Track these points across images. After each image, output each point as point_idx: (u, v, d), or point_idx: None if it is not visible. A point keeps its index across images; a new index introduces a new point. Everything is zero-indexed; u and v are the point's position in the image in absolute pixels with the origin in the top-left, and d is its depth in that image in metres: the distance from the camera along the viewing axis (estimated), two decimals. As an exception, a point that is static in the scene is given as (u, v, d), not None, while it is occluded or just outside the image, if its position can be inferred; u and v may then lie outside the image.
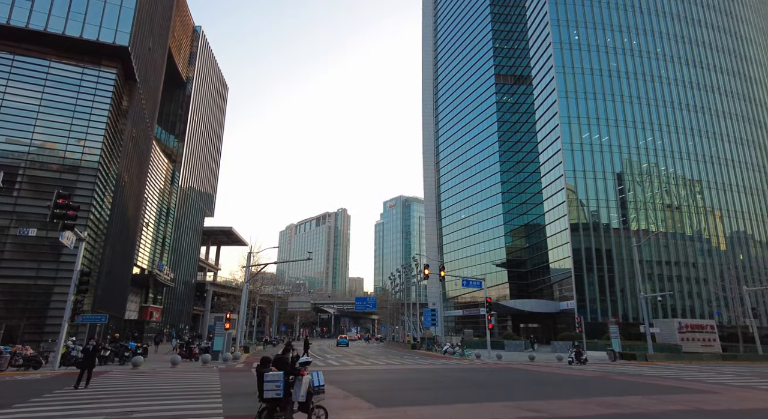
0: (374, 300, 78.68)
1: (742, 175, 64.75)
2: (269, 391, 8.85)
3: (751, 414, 12.00)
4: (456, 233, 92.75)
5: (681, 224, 60.25)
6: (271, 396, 8.85)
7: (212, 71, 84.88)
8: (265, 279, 77.01)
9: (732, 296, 51.95)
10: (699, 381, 20.14)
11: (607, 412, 11.76)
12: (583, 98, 62.43)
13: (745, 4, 76.67)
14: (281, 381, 8.94)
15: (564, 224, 59.45)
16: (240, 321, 41.03)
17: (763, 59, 75.33)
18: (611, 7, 67.15)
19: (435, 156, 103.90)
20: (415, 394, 15.08)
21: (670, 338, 40.81)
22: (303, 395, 9.11)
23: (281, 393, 8.89)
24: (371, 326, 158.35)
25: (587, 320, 52.14)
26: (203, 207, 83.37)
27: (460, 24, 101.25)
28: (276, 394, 8.86)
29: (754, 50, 74.37)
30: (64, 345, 24.13)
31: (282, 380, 8.95)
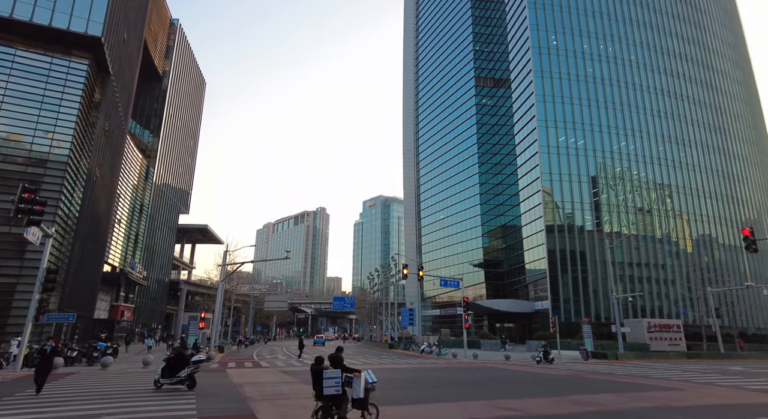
0: (352, 300, 78.49)
1: (707, 180, 67.29)
2: (329, 388, 9.16)
3: (714, 409, 12.46)
4: (435, 234, 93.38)
5: (651, 226, 62.19)
6: (331, 393, 9.17)
7: (190, 66, 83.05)
8: (241, 278, 75.89)
9: (697, 297, 53.99)
10: (666, 379, 20.81)
11: (581, 410, 12.01)
12: (560, 102, 63.73)
13: (712, 17, 79.75)
14: (340, 379, 9.30)
15: (540, 225, 60.57)
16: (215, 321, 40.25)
17: (728, 70, 78.49)
18: (588, 14, 68.77)
19: (415, 157, 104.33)
20: (393, 394, 15.07)
21: (639, 337, 42.06)
22: (361, 392, 9.48)
23: (340, 389, 9.25)
24: (349, 326, 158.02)
25: (561, 320, 53.30)
26: (178, 204, 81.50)
27: (441, 26, 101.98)
28: (336, 391, 9.21)
29: (720, 61, 77.42)
30: (28, 346, 23.17)
31: (341, 377, 9.31)
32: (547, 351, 29.67)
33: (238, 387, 16.48)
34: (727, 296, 60.89)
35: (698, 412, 11.89)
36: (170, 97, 71.71)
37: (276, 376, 20.61)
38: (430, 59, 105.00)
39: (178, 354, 15.67)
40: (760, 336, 58.97)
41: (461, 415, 11.13)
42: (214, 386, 17.07)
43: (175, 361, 15.43)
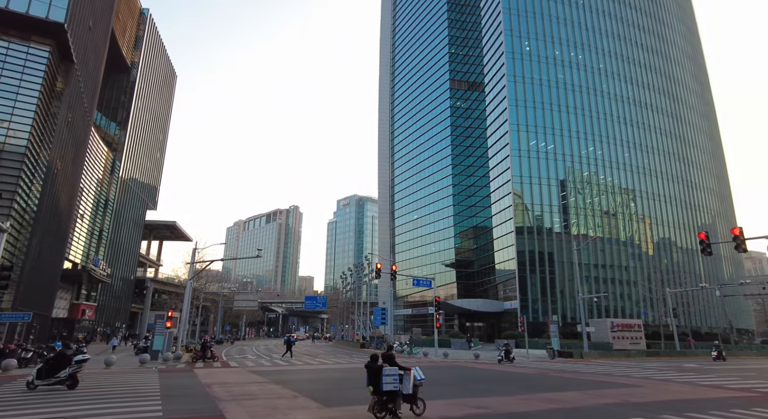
0: (324, 299, 78.00)
1: (667, 186, 70.33)
2: (388, 384, 9.97)
3: (671, 404, 13.07)
4: (408, 234, 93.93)
5: (616, 229, 64.51)
6: (389, 389, 9.97)
7: (160, 57, 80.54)
8: (211, 277, 74.26)
9: (657, 298, 56.42)
10: (627, 377, 21.66)
11: (547, 407, 12.36)
12: (531, 107, 65.24)
13: (674, 30, 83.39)
14: (397, 376, 10.13)
15: (510, 227, 61.85)
16: (182, 320, 39.23)
17: (687, 81, 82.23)
18: (560, 22, 70.66)
19: (390, 157, 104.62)
20: (364, 393, 15.08)
21: (603, 336, 43.57)
22: (410, 388, 10.31)
23: (398, 386, 10.06)
24: (320, 325, 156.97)
25: (529, 319, 54.58)
26: (145, 200, 78.92)
27: (418, 27, 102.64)
28: (394, 387, 10.02)
29: (681, 72, 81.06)
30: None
31: (398, 374, 10.14)
32: (508, 349, 30.03)
33: (206, 387, 16.13)
34: (683, 297, 63.82)
35: (656, 408, 12.44)
36: (139, 89, 69.38)
37: (245, 376, 20.28)
38: (406, 60, 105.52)
39: (58, 353, 15.40)
40: (712, 334, 62.05)
41: (430, 414, 11.25)
42: (181, 386, 16.65)
43: (54, 361, 15.07)
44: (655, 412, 11.69)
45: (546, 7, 70.65)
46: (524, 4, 69.86)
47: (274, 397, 13.82)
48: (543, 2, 70.79)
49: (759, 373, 25.45)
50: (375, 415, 10.13)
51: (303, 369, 25.05)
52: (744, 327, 73.72)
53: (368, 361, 10.50)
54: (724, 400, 14.30)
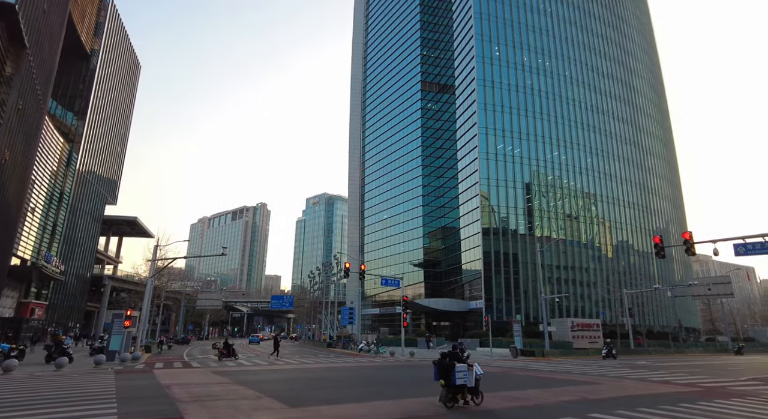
0: (291, 299, 77.13)
1: (626, 191, 73.47)
2: (459, 379, 11.50)
3: (625, 400, 13.68)
4: (378, 233, 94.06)
5: (577, 232, 66.82)
6: (461, 383, 11.52)
7: (122, 46, 77.20)
8: (173, 275, 71.96)
9: (614, 298, 58.89)
10: (585, 374, 22.49)
11: (509, 405, 12.67)
12: (500, 111, 66.67)
13: (634, 42, 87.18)
14: (467, 372, 11.66)
15: (477, 228, 63.00)
16: (142, 319, 37.80)
17: (646, 91, 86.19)
18: (529, 29, 72.53)
19: (361, 156, 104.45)
20: (329, 393, 15.01)
21: (564, 336, 45.08)
22: (473, 381, 11.87)
23: (467, 380, 11.57)
24: (287, 325, 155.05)
25: (494, 319, 55.73)
26: (104, 194, 75.53)
27: (391, 28, 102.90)
28: (464, 381, 11.54)
29: (640, 83, 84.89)
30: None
31: (467, 370, 11.67)
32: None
33: (165, 388, 15.59)
34: (638, 298, 66.86)
35: (611, 404, 12.98)
36: (99, 78, 66.28)
37: (208, 377, 19.75)
38: (378, 61, 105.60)
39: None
40: (663, 333, 65.35)
41: (398, 413, 11.30)
42: (139, 388, 16.03)
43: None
44: (610, 408, 12.19)
45: (516, 14, 72.38)
46: (495, 10, 71.32)
47: (237, 398, 13.53)
48: (513, 9, 72.48)
49: (704, 369, 26.98)
50: (445, 405, 11.69)
51: (268, 369, 24.63)
52: (691, 326, 77.97)
53: (438, 359, 12.08)
54: (673, 395, 15.09)
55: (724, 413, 11.75)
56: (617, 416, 11.06)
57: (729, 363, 33.99)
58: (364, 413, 11.35)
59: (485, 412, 11.47)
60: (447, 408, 11.59)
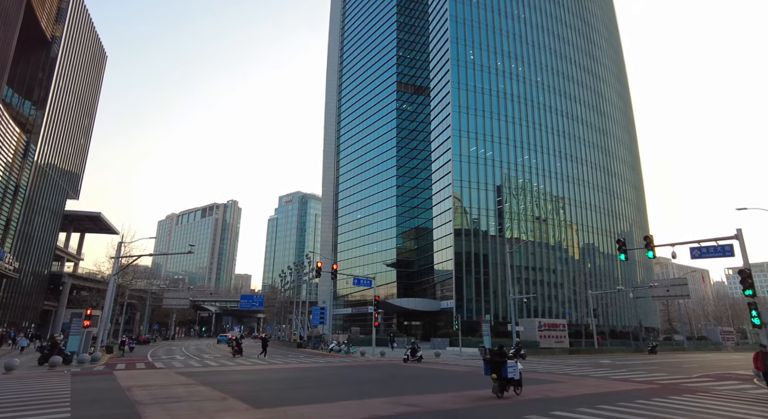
0: (261, 298, 75.95)
1: (593, 195, 75.83)
2: (510, 373, 13.90)
3: (587, 397, 14.11)
4: (351, 233, 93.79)
5: (546, 234, 68.49)
6: (511, 376, 13.95)
7: (86, 34, 74.06)
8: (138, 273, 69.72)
9: (580, 299, 60.74)
10: (550, 373, 23.07)
11: (476, 404, 12.85)
12: (473, 114, 67.62)
13: (602, 49, 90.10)
14: (516, 367, 14.17)
15: (449, 229, 63.70)
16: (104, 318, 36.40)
17: (613, 98, 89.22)
18: (504, 35, 73.87)
19: (336, 155, 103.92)
20: (297, 393, 14.84)
21: (531, 335, 46.10)
22: (517, 374, 14.21)
23: (514, 374, 14.00)
24: (256, 324, 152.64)
25: (464, 318, 56.53)
26: (65, 188, 72.25)
27: (367, 28, 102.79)
28: (513, 375, 13.96)
29: (608, 90, 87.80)
30: None
31: (516, 365, 14.23)
32: (415, 348, 29.56)
33: (125, 390, 15.04)
34: (602, 299, 69.14)
35: (574, 402, 13.36)
36: (60, 66, 63.34)
37: (172, 378, 19.19)
38: (354, 60, 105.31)
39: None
40: (624, 333, 67.84)
41: (364, 413, 11.28)
42: (96, 390, 15.41)
43: None
44: (572, 406, 12.54)
45: (491, 18, 73.56)
46: (470, 14, 72.29)
47: (201, 399, 13.20)
48: (488, 14, 73.65)
49: (661, 367, 28.16)
50: (497, 395, 13.83)
51: (235, 369, 24.15)
52: (651, 326, 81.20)
53: (489, 357, 14.30)
54: (631, 392, 15.68)
55: (675, 408, 12.30)
56: (579, 413, 11.38)
57: (684, 361, 35.61)
58: (332, 413, 11.28)
59: (447, 412, 11.59)
60: (498, 397, 13.76)
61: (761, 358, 14.92)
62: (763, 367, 14.72)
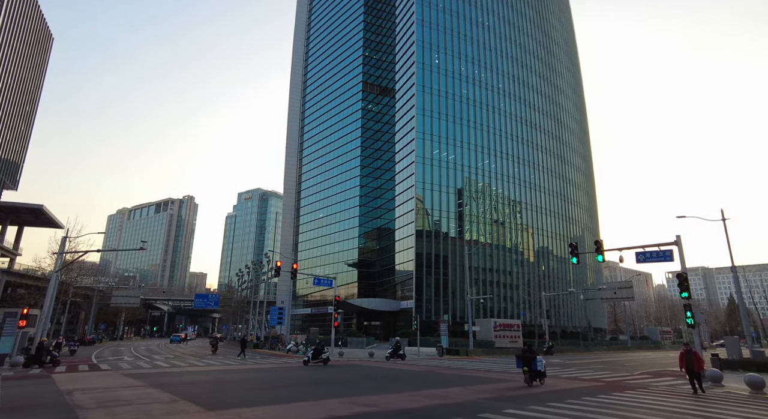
0: (217, 297, 73.75)
1: (548, 200, 78.79)
2: (539, 366, 17.48)
3: (536, 395, 14.64)
4: (313, 232, 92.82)
5: (503, 237, 70.49)
6: (540, 369, 17.47)
7: (29, 14, 69.28)
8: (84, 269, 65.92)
9: (534, 300, 62.94)
10: (505, 372, 23.77)
11: (432, 403, 13.03)
12: (437, 118, 68.62)
13: (561, 61, 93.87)
14: (542, 361, 17.76)
15: (411, 230, 64.34)
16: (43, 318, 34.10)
17: (569, 108, 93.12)
18: (468, 41, 75.42)
19: (299, 152, 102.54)
20: (252, 394, 14.52)
21: (487, 335, 47.31)
22: (543, 368, 17.72)
23: (542, 367, 17.59)
24: (212, 324, 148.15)
25: (423, 318, 57.25)
26: (2, 178, 67.25)
27: (334, 26, 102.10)
28: (541, 368, 17.56)
29: (564, 100, 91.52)
30: None
31: (542, 360, 17.80)
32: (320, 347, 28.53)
33: (65, 395, 14.17)
34: (555, 300, 71.97)
35: (525, 400, 13.83)
36: None
37: (118, 380, 18.27)
38: (319, 58, 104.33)
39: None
40: (575, 333, 70.96)
41: (320, 414, 11.20)
42: (31, 396, 14.42)
43: None
44: (523, 403, 12.97)
45: (456, 24, 74.93)
46: (437, 19, 73.33)
47: (150, 402, 12.65)
48: (454, 20, 74.98)
49: (607, 365, 29.66)
50: (529, 384, 17.21)
51: (187, 370, 23.31)
52: (599, 326, 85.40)
53: (521, 353, 18.37)
54: (579, 390, 16.43)
55: (617, 404, 13.01)
56: (529, 411, 11.79)
57: (627, 359, 37.67)
58: (287, 414, 11.12)
59: (403, 411, 11.70)
60: (529, 386, 17.02)
61: (685, 357, 15.78)
62: (687, 365, 15.63)
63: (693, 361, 15.43)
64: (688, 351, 15.63)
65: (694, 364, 15.41)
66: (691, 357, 15.49)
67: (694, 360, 15.41)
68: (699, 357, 15.47)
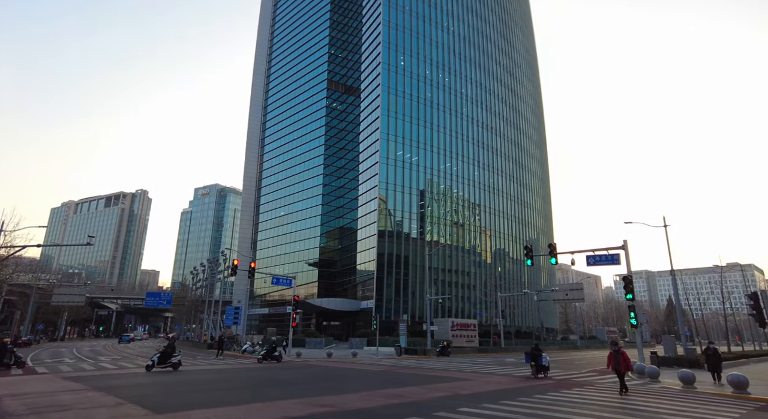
0: (170, 296, 70.87)
1: (506, 204, 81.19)
2: (545, 361, 20.75)
3: (490, 394, 15.05)
4: (273, 230, 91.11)
5: (462, 239, 71.96)
6: (545, 364, 20.82)
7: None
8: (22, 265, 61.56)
9: (490, 301, 64.63)
10: (460, 371, 24.24)
11: (389, 402, 13.09)
12: (401, 119, 69.15)
13: (522, 69, 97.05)
14: (547, 357, 21.10)
15: (373, 230, 64.47)
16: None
17: (528, 114, 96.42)
18: (434, 45, 76.47)
19: (260, 148, 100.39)
20: (203, 396, 14.05)
21: (445, 334, 48.11)
22: (548, 363, 21.14)
23: (547, 363, 20.99)
24: (163, 324, 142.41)
25: (383, 318, 57.45)
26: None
27: (299, 22, 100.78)
28: (546, 363, 20.89)
29: (524, 107, 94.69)
30: None
31: (547, 357, 21.19)
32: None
33: (-4, 400, 13.15)
34: (510, 301, 74.19)
35: (479, 398, 14.16)
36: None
37: (57, 384, 17.16)
38: (284, 53, 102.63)
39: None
40: (528, 332, 73.45)
41: (274, 415, 11.00)
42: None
43: None
44: (478, 401, 13.29)
45: (422, 27, 75.77)
46: (403, 21, 73.87)
47: (92, 406, 11.97)
48: (420, 22, 75.79)
49: (557, 364, 30.89)
50: (536, 377, 20.48)
51: (135, 372, 22.25)
52: (551, 326, 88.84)
53: (529, 351, 21.21)
54: (530, 388, 17.02)
55: (565, 401, 13.60)
56: (482, 409, 12.08)
57: (576, 358, 39.40)
58: (240, 416, 10.84)
59: (360, 411, 11.70)
60: (536, 378, 20.09)
61: (613, 358, 15.56)
62: (615, 365, 15.43)
63: (620, 362, 15.25)
64: (616, 351, 15.48)
65: (621, 365, 15.22)
66: (619, 358, 15.30)
67: (621, 361, 15.22)
68: (626, 358, 15.32)
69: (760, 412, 12.95)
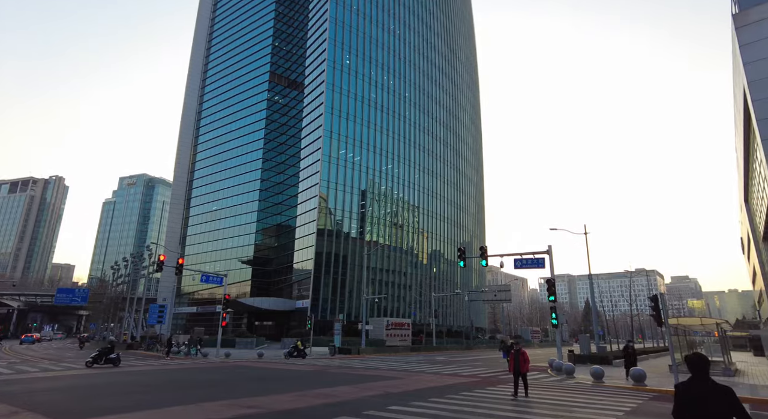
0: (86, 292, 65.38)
1: (443, 207, 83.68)
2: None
3: (420, 392, 15.42)
4: (204, 225, 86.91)
5: (401, 239, 73.13)
6: None
7: None
8: None
9: (424, 301, 66.27)
10: (392, 370, 24.58)
11: (318, 402, 12.96)
12: (345, 118, 68.91)
13: (463, 78, 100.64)
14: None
15: (312, 228, 63.62)
16: None
17: (467, 122, 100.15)
18: (380, 46, 77.04)
19: (194, 139, 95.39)
20: (117, 400, 13.04)
21: (379, 334, 48.59)
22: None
23: None
24: (77, 323, 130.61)
25: (318, 317, 56.88)
26: None
27: (241, 11, 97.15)
28: None
29: (464, 115, 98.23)
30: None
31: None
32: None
33: None
34: (443, 301, 76.52)
35: (409, 397, 14.45)
36: None
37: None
38: (225, 42, 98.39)
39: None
40: (459, 332, 76.18)
41: (197, 418, 10.47)
42: None
43: None
44: (407, 400, 13.54)
45: (369, 28, 76.07)
46: (350, 20, 73.67)
47: None
48: (367, 24, 76.03)
49: (484, 363, 32.30)
50: None
51: (38, 377, 20.17)
52: (480, 326, 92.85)
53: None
54: (458, 385, 17.65)
55: (489, 397, 14.27)
56: (411, 407, 12.33)
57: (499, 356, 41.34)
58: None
59: (287, 412, 11.48)
60: None
61: (512, 358, 14.73)
62: (514, 367, 14.58)
63: (520, 362, 14.40)
64: (516, 351, 14.62)
65: (521, 365, 14.37)
66: (518, 358, 14.43)
67: (521, 361, 14.38)
68: (526, 358, 14.48)
69: (654, 401, 14.44)
